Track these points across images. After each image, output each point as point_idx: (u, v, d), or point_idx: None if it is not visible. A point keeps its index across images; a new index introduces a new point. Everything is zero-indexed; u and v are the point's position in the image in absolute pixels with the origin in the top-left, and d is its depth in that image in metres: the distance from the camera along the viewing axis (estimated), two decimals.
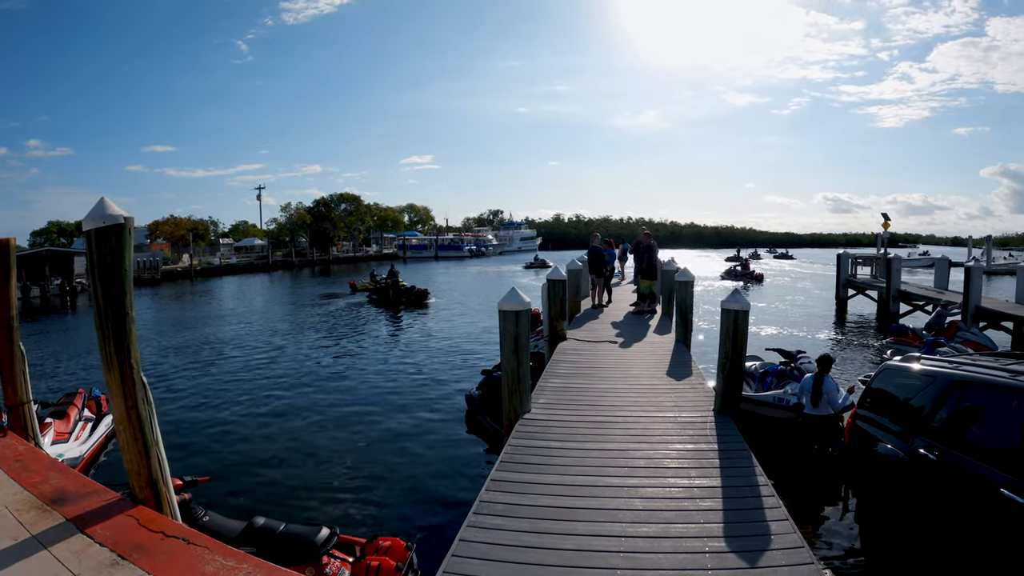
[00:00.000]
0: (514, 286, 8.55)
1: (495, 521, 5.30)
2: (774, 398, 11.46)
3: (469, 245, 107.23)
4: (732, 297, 8.58)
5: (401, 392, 15.76)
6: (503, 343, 8.23)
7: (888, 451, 7.27)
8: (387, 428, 12.73)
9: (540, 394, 9.30)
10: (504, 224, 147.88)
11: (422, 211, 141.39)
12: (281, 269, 74.95)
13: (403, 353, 21.30)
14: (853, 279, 34.19)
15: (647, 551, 4.87)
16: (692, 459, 6.86)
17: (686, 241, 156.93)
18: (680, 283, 14.40)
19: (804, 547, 4.98)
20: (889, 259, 29.16)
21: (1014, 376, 6.29)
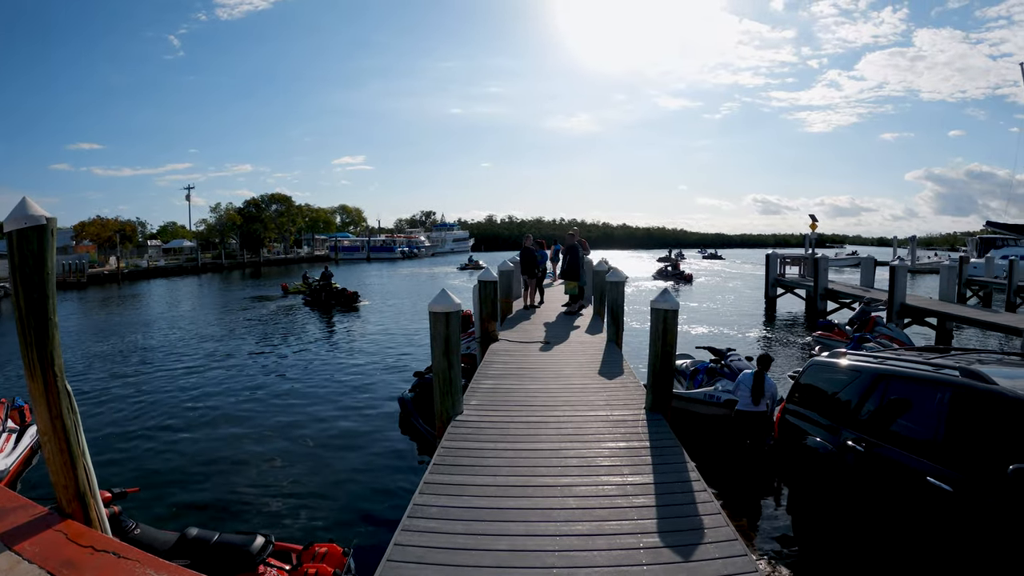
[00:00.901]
0: (444, 287, 8.56)
1: (430, 524, 5.30)
2: (705, 395, 11.69)
3: (401, 247, 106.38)
4: (661, 297, 8.75)
5: (334, 396, 15.57)
6: (434, 345, 8.22)
7: (817, 444, 7.49)
8: (320, 433, 12.56)
9: (472, 395, 9.32)
10: (437, 225, 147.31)
11: (354, 212, 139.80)
12: (211, 271, 72.98)
13: (335, 357, 21.05)
14: (782, 278, 35.02)
15: (582, 549, 4.93)
16: (625, 457, 6.97)
17: (618, 242, 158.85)
18: (611, 283, 14.58)
19: (737, 539, 5.12)
20: (817, 259, 30.04)
21: (938, 369, 6.57)
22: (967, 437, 5.75)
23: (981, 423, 5.69)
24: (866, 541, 6.74)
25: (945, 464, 5.74)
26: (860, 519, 6.78)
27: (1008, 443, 5.30)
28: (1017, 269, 29.72)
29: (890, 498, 6.34)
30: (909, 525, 6.10)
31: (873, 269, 32.41)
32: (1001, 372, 6.22)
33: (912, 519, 6.06)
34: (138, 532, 6.00)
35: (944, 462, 5.76)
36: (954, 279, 27.75)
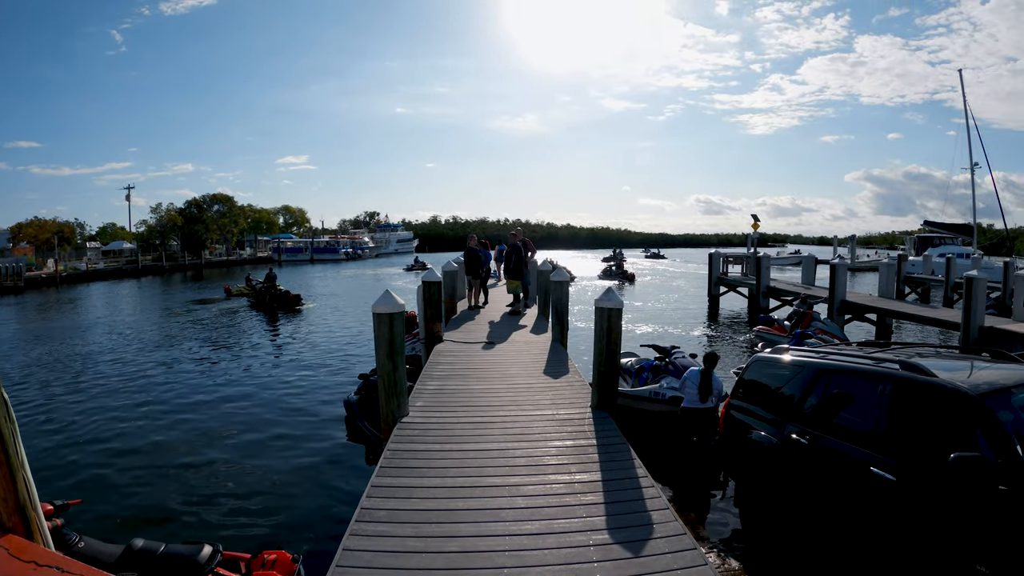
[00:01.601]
0: (388, 288, 8.52)
1: (378, 528, 5.27)
2: (651, 392, 11.85)
3: (345, 248, 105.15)
4: (605, 296, 8.85)
5: (278, 400, 15.39)
6: (378, 346, 8.17)
7: (762, 438, 7.65)
8: (265, 438, 12.41)
9: (418, 397, 9.31)
10: (380, 226, 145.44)
11: (297, 213, 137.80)
12: (151, 274, 70.95)
13: (279, 360, 20.80)
14: (724, 277, 35.64)
15: (532, 548, 4.96)
16: (572, 455, 7.04)
17: (562, 242, 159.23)
18: (555, 283, 14.66)
19: (686, 534, 5.22)
20: (758, 258, 30.66)
21: (878, 363, 6.79)
22: (908, 428, 5.98)
23: (922, 414, 5.92)
24: (813, 531, 6.92)
25: (888, 454, 5.95)
26: (806, 510, 6.96)
27: (948, 432, 5.52)
28: (954, 266, 30.77)
29: (835, 488, 6.53)
30: (854, 514, 6.30)
31: (814, 267, 33.21)
32: (940, 364, 6.49)
33: (857, 508, 6.25)
34: (82, 545, 5.86)
35: (887, 452, 5.98)
36: (893, 276, 28.53)
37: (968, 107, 54.94)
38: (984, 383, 5.84)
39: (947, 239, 59.23)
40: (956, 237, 59.12)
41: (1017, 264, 33.01)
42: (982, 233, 68.58)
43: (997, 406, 5.46)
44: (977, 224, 59.03)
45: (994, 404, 5.46)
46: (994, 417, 5.31)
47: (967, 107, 54.94)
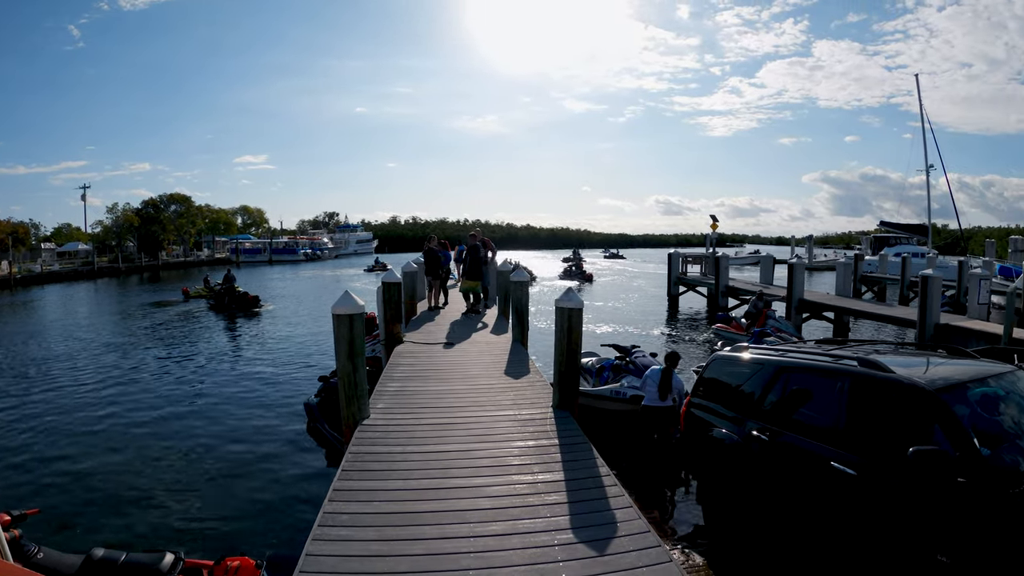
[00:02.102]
0: (347, 289, 8.48)
1: (341, 532, 5.24)
2: (612, 391, 11.98)
3: (304, 249, 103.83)
4: (566, 296, 8.94)
5: (238, 404, 15.24)
6: (338, 348, 8.12)
7: (723, 435, 7.76)
8: (226, 443, 12.29)
9: (379, 399, 9.28)
10: (340, 227, 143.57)
11: (256, 213, 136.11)
12: (108, 276, 69.29)
13: (238, 363, 20.59)
14: (684, 277, 36.10)
15: (497, 549, 4.98)
16: (535, 455, 7.08)
17: (522, 243, 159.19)
18: (515, 283, 14.72)
19: (650, 531, 5.28)
20: (717, 258, 31.20)
21: (837, 360, 6.95)
22: (867, 423, 6.13)
23: (880, 409, 6.07)
24: (775, 526, 7.03)
25: (848, 449, 6.10)
26: (768, 505, 7.07)
27: (906, 427, 5.67)
28: (909, 266, 31.42)
29: (796, 484, 6.65)
30: (816, 508, 6.43)
31: (772, 267, 33.75)
32: (897, 361, 6.65)
33: (818, 502, 6.39)
34: (41, 556, 5.77)
35: (847, 447, 6.12)
36: (849, 275, 29.09)
37: (924, 111, 56.07)
38: (940, 378, 6.02)
39: (903, 239, 60.45)
40: (911, 237, 60.38)
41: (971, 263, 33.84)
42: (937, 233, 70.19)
43: (953, 400, 5.62)
44: (932, 224, 60.30)
45: (950, 399, 5.63)
46: (951, 411, 5.47)
47: (923, 111, 56.08)
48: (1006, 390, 6.22)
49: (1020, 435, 5.77)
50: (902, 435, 5.60)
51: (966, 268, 26.86)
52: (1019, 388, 6.34)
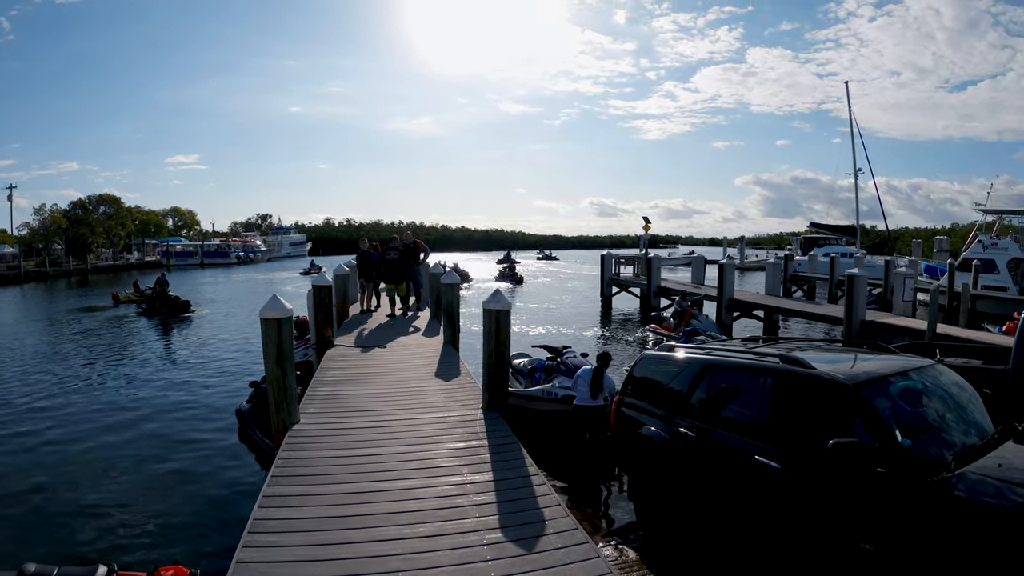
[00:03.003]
0: (278, 293, 8.45)
1: (271, 538, 5.24)
2: (543, 392, 12.09)
3: (237, 251, 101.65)
4: (493, 298, 9.08)
5: (169, 412, 14.95)
6: (266, 353, 8.09)
7: (652, 433, 7.90)
8: (157, 451, 12.06)
9: (309, 403, 9.25)
10: (273, 229, 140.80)
11: (187, 215, 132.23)
12: (34, 280, 66.65)
13: (169, 369, 20.17)
14: (616, 278, 36.51)
15: (426, 550, 5.05)
16: (464, 456, 7.18)
17: (457, 244, 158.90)
18: (446, 286, 14.79)
19: (578, 528, 5.42)
20: (649, 259, 31.60)
21: (761, 357, 7.16)
22: (790, 418, 6.33)
23: (802, 404, 6.28)
24: (705, 520, 7.20)
25: (772, 444, 6.29)
26: (698, 500, 7.24)
27: (828, 420, 5.89)
28: (837, 265, 32.38)
29: (723, 478, 6.83)
30: (743, 501, 6.61)
31: (703, 267, 34.54)
32: (819, 357, 6.88)
33: (745, 496, 6.57)
34: None
35: (770, 442, 6.32)
36: (779, 275, 29.88)
37: (853, 117, 57.96)
38: (861, 373, 6.27)
39: (832, 240, 62.25)
40: (840, 238, 62.21)
41: (898, 262, 34.96)
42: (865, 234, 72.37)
43: (873, 394, 5.85)
44: (860, 225, 62.27)
45: (870, 393, 5.85)
46: (870, 405, 5.69)
47: (852, 117, 57.94)
48: (926, 383, 6.48)
49: (940, 426, 6.01)
50: (823, 429, 5.80)
51: (892, 267, 27.72)
52: (938, 381, 6.63)
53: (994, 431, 6.10)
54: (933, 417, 6.15)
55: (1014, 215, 42.79)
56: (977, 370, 9.78)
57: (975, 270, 32.74)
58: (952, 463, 5.22)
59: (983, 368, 10.00)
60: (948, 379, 6.79)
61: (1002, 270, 35.99)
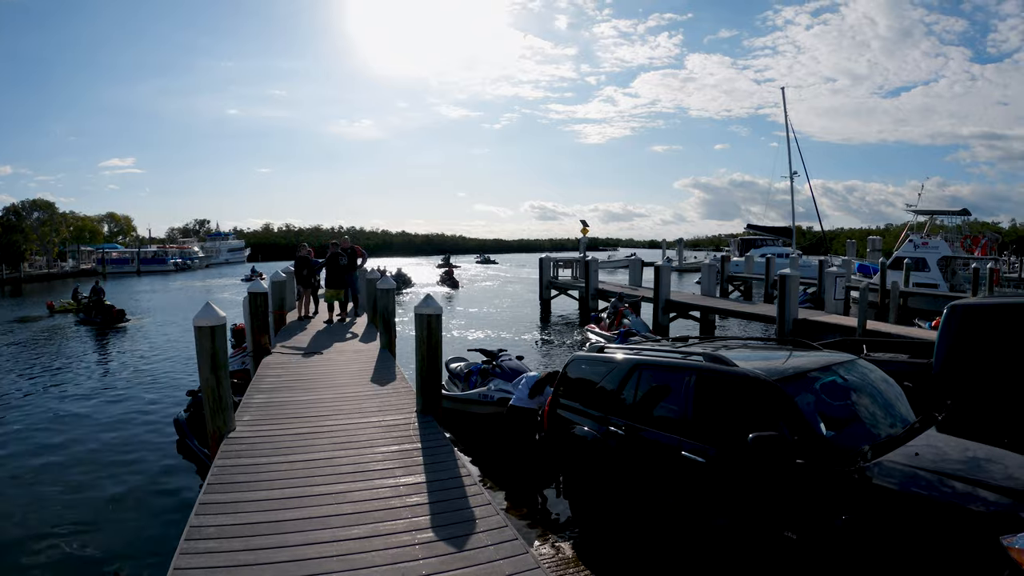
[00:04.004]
0: (208, 300, 8.50)
1: (208, 544, 5.31)
2: (479, 395, 12.26)
3: (174, 258, 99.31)
4: (425, 302, 9.29)
5: (105, 424, 14.65)
6: (200, 361, 8.11)
7: (584, 432, 8.10)
8: (93, 464, 11.86)
9: (245, 411, 9.32)
10: (211, 235, 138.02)
11: (123, 221, 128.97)
12: None
13: (105, 380, 19.73)
14: (555, 280, 36.80)
15: (360, 551, 5.20)
16: (398, 459, 7.35)
17: (398, 249, 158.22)
18: (382, 291, 14.89)
19: (507, 526, 5.65)
20: (587, 261, 31.93)
21: (686, 356, 7.43)
22: (714, 413, 6.61)
23: (725, 400, 6.58)
24: (637, 515, 7.44)
25: (697, 439, 6.56)
26: (629, 496, 7.47)
27: (749, 415, 6.17)
28: (773, 265, 33.23)
29: (653, 474, 7.08)
30: (672, 496, 6.87)
31: (640, 269, 35.15)
32: (742, 355, 7.20)
33: (673, 490, 6.83)
34: None
35: (696, 437, 6.59)
36: (714, 276, 30.57)
37: (789, 122, 59.74)
38: (781, 369, 6.56)
39: (768, 241, 63.68)
40: (777, 239, 63.69)
41: (832, 262, 35.96)
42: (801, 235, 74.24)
43: (793, 389, 6.13)
44: (797, 227, 64.00)
45: (790, 388, 6.13)
46: (789, 399, 5.97)
47: (788, 122, 59.68)
48: (847, 378, 6.81)
49: (859, 418, 6.35)
50: (745, 423, 6.07)
51: (825, 267, 28.48)
52: (859, 375, 6.98)
53: (914, 421, 6.44)
54: (853, 410, 6.47)
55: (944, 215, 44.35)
56: (902, 364, 10.18)
57: (906, 268, 34.01)
58: (869, 453, 5.50)
59: (908, 362, 10.38)
60: (869, 373, 7.15)
61: (933, 268, 37.36)
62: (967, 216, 44.78)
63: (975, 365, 8.96)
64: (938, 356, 9.30)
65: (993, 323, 9.20)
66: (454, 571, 4.94)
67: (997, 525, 4.47)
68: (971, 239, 41.90)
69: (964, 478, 5.05)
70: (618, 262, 69.91)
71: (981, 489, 4.87)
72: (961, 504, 4.77)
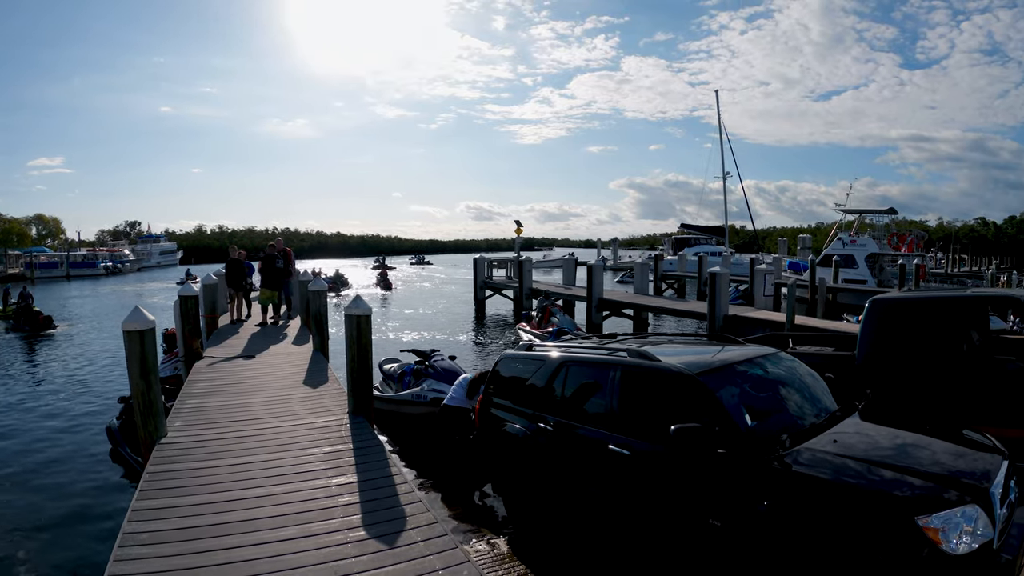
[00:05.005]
0: (138, 304, 8.46)
1: (142, 551, 5.31)
2: (413, 396, 12.36)
3: (105, 262, 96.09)
4: (354, 303, 9.38)
5: (35, 434, 14.24)
6: (130, 366, 8.08)
7: (515, 430, 8.29)
8: (23, 475, 11.58)
9: (177, 416, 9.27)
10: (142, 237, 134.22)
11: (52, 223, 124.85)
12: None
13: (34, 390, 19.08)
14: (489, 281, 37.06)
15: (292, 552, 5.27)
16: (330, 461, 7.43)
17: (333, 251, 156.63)
18: (313, 293, 14.91)
19: (438, 523, 5.79)
20: (521, 261, 32.21)
21: (612, 352, 7.67)
22: (639, 407, 6.87)
23: (649, 394, 6.84)
24: (569, 509, 7.64)
25: (623, 433, 6.79)
26: (560, 491, 7.66)
27: (670, 408, 6.43)
28: (705, 263, 33.94)
29: (582, 469, 7.29)
30: (601, 489, 7.09)
31: (574, 268, 35.62)
32: (666, 351, 7.49)
33: (602, 483, 7.04)
34: None
35: (622, 431, 6.82)
36: (647, 275, 31.13)
37: (722, 124, 60.86)
38: (702, 363, 6.84)
39: (702, 240, 64.90)
40: (710, 238, 64.92)
41: (764, 260, 36.87)
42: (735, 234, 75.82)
43: (714, 382, 6.40)
44: (730, 226, 65.28)
45: (711, 380, 6.41)
46: (710, 392, 6.23)
47: (722, 124, 60.78)
48: (769, 370, 7.15)
49: (780, 408, 6.68)
50: (669, 416, 6.30)
51: (756, 265, 29.15)
52: (782, 368, 7.32)
53: (835, 410, 6.77)
54: (775, 400, 6.80)
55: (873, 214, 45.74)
56: (827, 356, 10.57)
57: (835, 265, 35.04)
58: (787, 441, 5.78)
59: (833, 354, 10.79)
60: (792, 365, 7.49)
61: (861, 265, 38.55)
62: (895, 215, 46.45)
63: (895, 356, 9.41)
64: (861, 348, 9.71)
65: (911, 316, 9.68)
66: (386, 568, 5.05)
67: (913, 506, 4.78)
68: (898, 237, 43.35)
69: (881, 463, 5.36)
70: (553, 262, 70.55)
71: (897, 472, 5.19)
72: (878, 487, 5.06)
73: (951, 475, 5.18)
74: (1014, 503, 5.51)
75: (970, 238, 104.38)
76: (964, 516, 4.72)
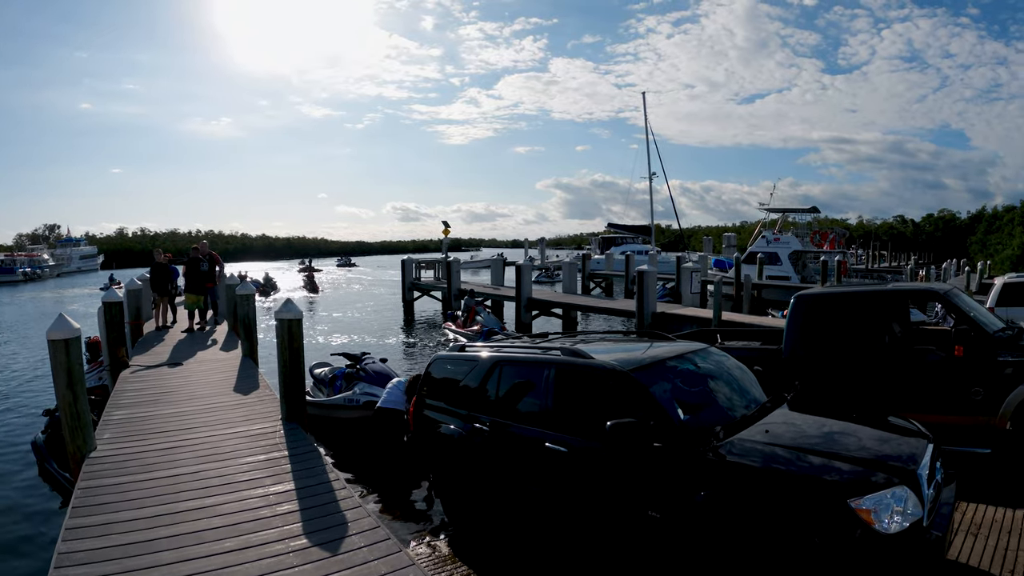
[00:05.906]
0: (62, 312, 8.27)
1: (79, 571, 5.19)
2: (345, 399, 12.33)
3: (23, 267, 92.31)
4: (285, 307, 9.31)
5: None
6: (56, 377, 7.86)
7: (451, 431, 8.30)
8: None
9: (105, 428, 9.05)
10: (62, 241, 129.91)
11: None
12: None
13: None
14: (418, 282, 37.03)
15: (233, 564, 5.23)
16: (266, 469, 7.38)
17: (258, 253, 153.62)
18: (241, 297, 14.73)
19: (379, 526, 5.82)
20: (449, 262, 32.24)
21: (545, 351, 7.77)
22: (574, 404, 6.99)
23: (584, 391, 6.96)
24: (508, 507, 7.72)
25: (559, 430, 6.90)
26: (499, 490, 7.74)
27: (604, 404, 6.55)
28: (633, 262, 34.33)
29: (519, 467, 7.38)
30: (538, 486, 7.19)
31: (502, 268, 35.79)
32: (599, 349, 7.63)
33: (540, 481, 7.15)
34: None
35: (558, 429, 6.93)
36: (575, 274, 31.48)
37: (649, 125, 61.72)
38: (634, 360, 7.00)
39: (628, 239, 65.73)
40: (637, 237, 65.78)
41: (690, 258, 37.56)
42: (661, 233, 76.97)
43: (646, 378, 6.56)
44: (656, 225, 66.33)
45: (643, 376, 6.56)
46: (643, 387, 6.38)
47: (648, 125, 61.63)
48: (699, 365, 7.33)
49: (712, 401, 6.89)
50: (603, 412, 6.40)
51: (682, 263, 29.68)
52: (711, 362, 7.50)
53: (765, 402, 7.00)
54: (707, 394, 6.99)
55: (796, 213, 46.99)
56: (755, 350, 10.91)
57: (760, 263, 35.88)
58: (721, 432, 5.96)
59: (761, 348, 11.11)
60: (720, 360, 7.68)
61: (784, 262, 39.57)
62: (817, 213, 47.83)
63: (821, 349, 9.78)
64: (787, 342, 10.05)
65: (835, 310, 10.10)
66: (330, 575, 5.07)
67: (846, 490, 5.00)
68: (820, 235, 44.62)
69: (812, 450, 5.60)
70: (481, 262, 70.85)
71: (828, 459, 5.42)
72: (811, 473, 5.28)
73: (880, 459, 5.44)
74: (941, 483, 5.79)
75: (890, 235, 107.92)
76: (894, 497, 4.95)
